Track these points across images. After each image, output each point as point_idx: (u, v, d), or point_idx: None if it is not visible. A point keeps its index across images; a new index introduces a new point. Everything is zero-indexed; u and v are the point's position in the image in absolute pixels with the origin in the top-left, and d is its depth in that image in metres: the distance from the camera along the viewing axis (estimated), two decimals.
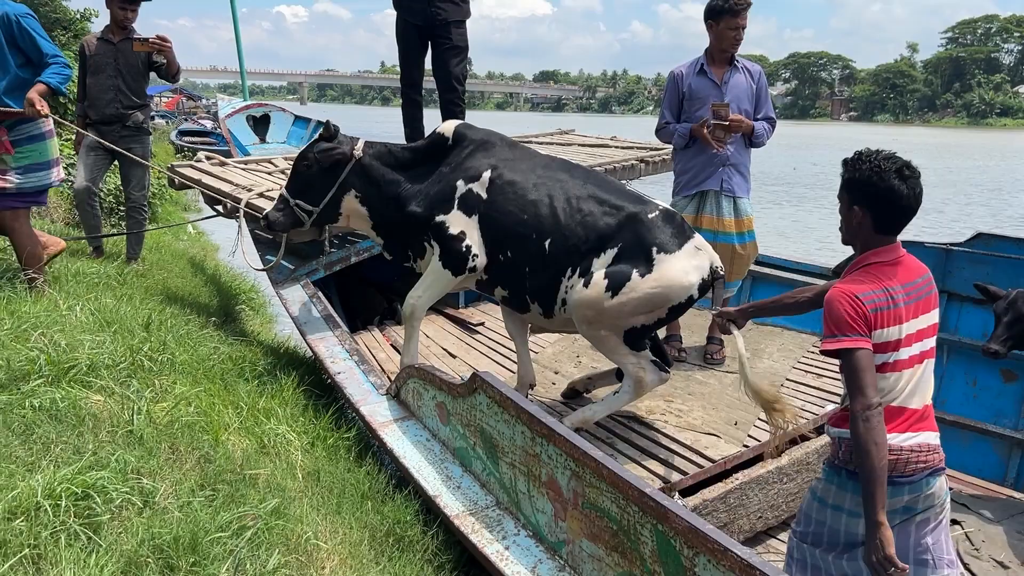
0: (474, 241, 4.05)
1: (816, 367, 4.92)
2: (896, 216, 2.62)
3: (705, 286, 3.78)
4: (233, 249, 5.67)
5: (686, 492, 3.56)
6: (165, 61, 6.20)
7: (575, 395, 4.44)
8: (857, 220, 2.67)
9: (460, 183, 4.09)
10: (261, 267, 5.39)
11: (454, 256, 4.06)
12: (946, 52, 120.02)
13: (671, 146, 5.19)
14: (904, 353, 2.61)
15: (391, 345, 5.58)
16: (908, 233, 2.90)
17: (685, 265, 3.71)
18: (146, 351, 4.14)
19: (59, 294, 4.74)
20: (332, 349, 4.55)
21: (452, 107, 6.31)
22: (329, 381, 4.68)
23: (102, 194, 8.05)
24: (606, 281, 3.68)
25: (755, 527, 3.73)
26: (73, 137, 7.54)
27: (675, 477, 3.58)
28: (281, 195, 4.38)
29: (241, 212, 5.20)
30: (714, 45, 4.87)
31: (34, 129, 4.68)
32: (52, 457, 2.89)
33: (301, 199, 4.30)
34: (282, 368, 4.82)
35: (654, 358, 3.96)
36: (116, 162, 6.51)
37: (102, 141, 6.05)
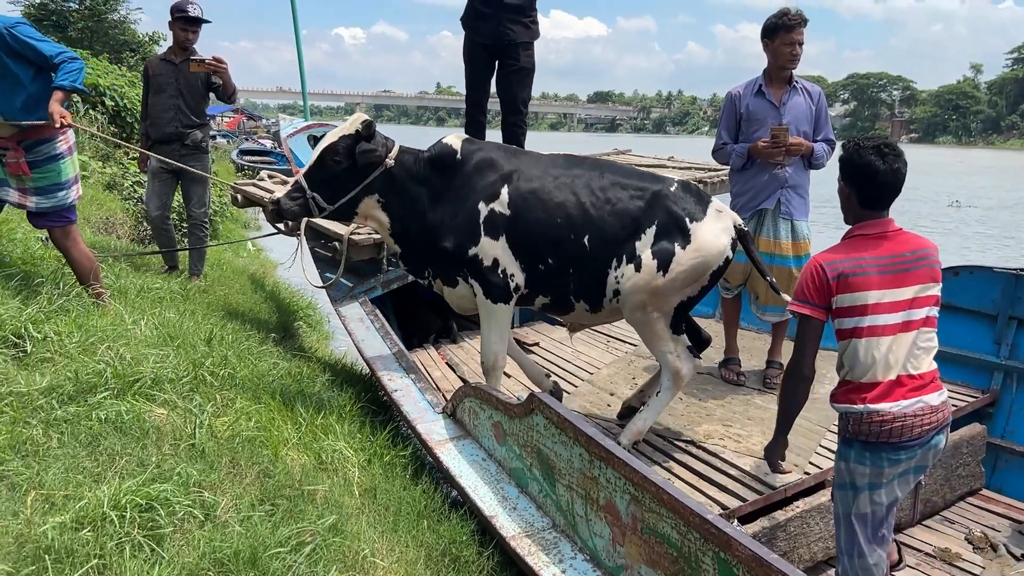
0: (507, 263, 4.00)
1: None
2: (876, 191, 2.87)
3: (734, 244, 3.97)
4: (290, 265, 5.74)
5: (745, 519, 3.49)
6: (221, 82, 6.33)
7: (631, 412, 4.40)
8: (844, 196, 2.97)
9: (481, 205, 3.99)
10: (320, 284, 5.46)
11: (497, 288, 4.03)
12: (1011, 73, 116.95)
13: (728, 167, 5.13)
14: (881, 320, 2.82)
15: (446, 363, 5.60)
16: (977, 257, 2.85)
17: (716, 228, 3.89)
18: (208, 366, 4.21)
19: (125, 308, 4.85)
20: (389, 366, 4.57)
21: (515, 129, 6.29)
22: (385, 398, 4.71)
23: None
24: (655, 261, 3.82)
25: (815, 556, 3.64)
26: (139, 156, 7.72)
27: (735, 504, 3.51)
28: (297, 183, 4.03)
29: (301, 230, 5.28)
30: (771, 64, 4.81)
31: (52, 150, 4.57)
32: (117, 469, 2.95)
33: (320, 192, 4.00)
34: (339, 384, 4.87)
35: (688, 344, 4.16)
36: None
37: (164, 160, 6.19)
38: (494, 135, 6.37)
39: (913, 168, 3.04)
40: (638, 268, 3.85)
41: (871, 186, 2.85)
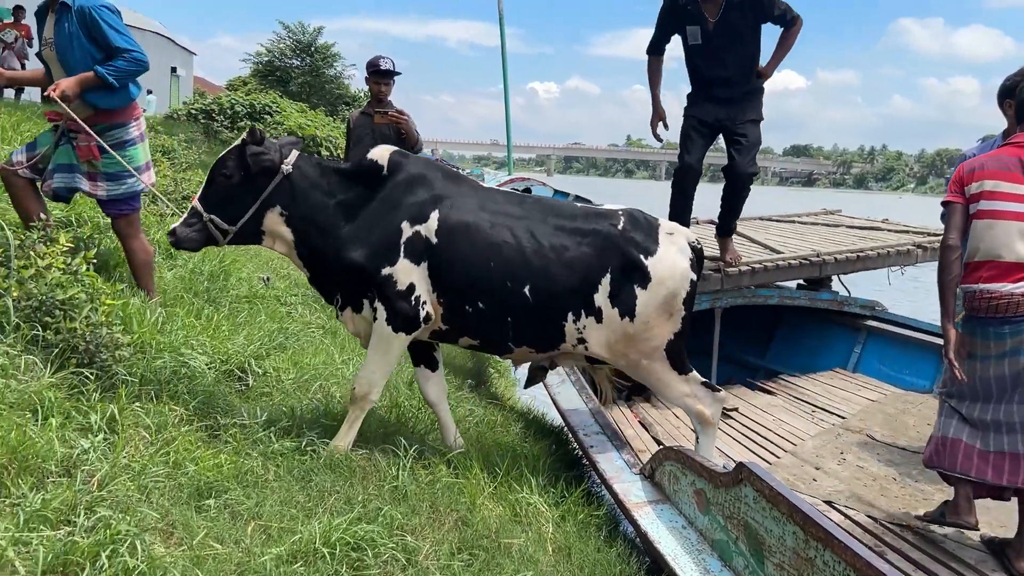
0: (423, 290, 3.66)
1: None
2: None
3: (695, 265, 3.90)
4: None
5: None
6: (404, 133, 6.55)
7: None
8: (1008, 113, 3.80)
9: (405, 225, 3.65)
10: None
11: (403, 315, 3.65)
12: None
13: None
14: (998, 205, 3.39)
15: (639, 422, 5.47)
16: None
17: (672, 254, 3.84)
18: (408, 408, 4.33)
19: (335, 348, 5.10)
20: (584, 421, 4.52)
21: (733, 200, 5.82)
22: (578, 453, 4.65)
23: None
24: (616, 310, 3.69)
25: None
26: None
27: None
28: (193, 208, 3.65)
29: None
30: (1013, 127, 4.41)
31: (124, 135, 4.43)
32: (327, 506, 3.05)
33: (217, 214, 3.61)
34: (532, 435, 4.85)
35: (703, 379, 4.05)
36: None
37: None
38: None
39: None
40: (599, 320, 3.71)
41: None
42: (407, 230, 3.65)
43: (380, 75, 6.47)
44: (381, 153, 3.79)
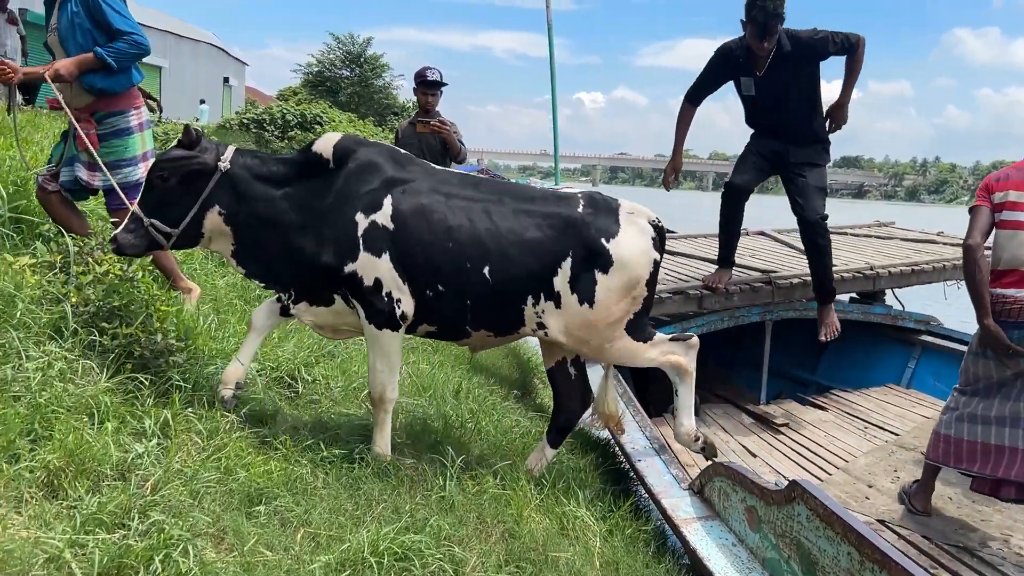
0: (392, 285, 3.52)
1: None
2: None
3: (657, 244, 3.81)
4: None
5: None
6: (448, 143, 6.55)
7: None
8: None
9: (360, 216, 3.50)
10: None
11: (381, 312, 3.53)
12: None
13: None
14: (1020, 216, 3.65)
15: None
16: None
17: (633, 235, 3.74)
18: (455, 418, 4.32)
19: None
20: (632, 435, 4.47)
21: (814, 254, 5.62)
22: (625, 466, 4.60)
23: None
24: (575, 296, 3.62)
25: None
26: None
27: None
28: (133, 214, 3.53)
29: None
30: None
31: (122, 122, 4.34)
32: (375, 514, 3.05)
33: (157, 218, 3.48)
34: (577, 447, 4.81)
35: (669, 335, 3.98)
36: None
37: None
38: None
39: None
40: (559, 305, 3.61)
41: None
42: (363, 221, 3.50)
43: (427, 86, 6.52)
44: (326, 142, 3.63)
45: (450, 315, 3.66)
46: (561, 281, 3.62)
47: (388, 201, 3.51)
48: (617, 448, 4.64)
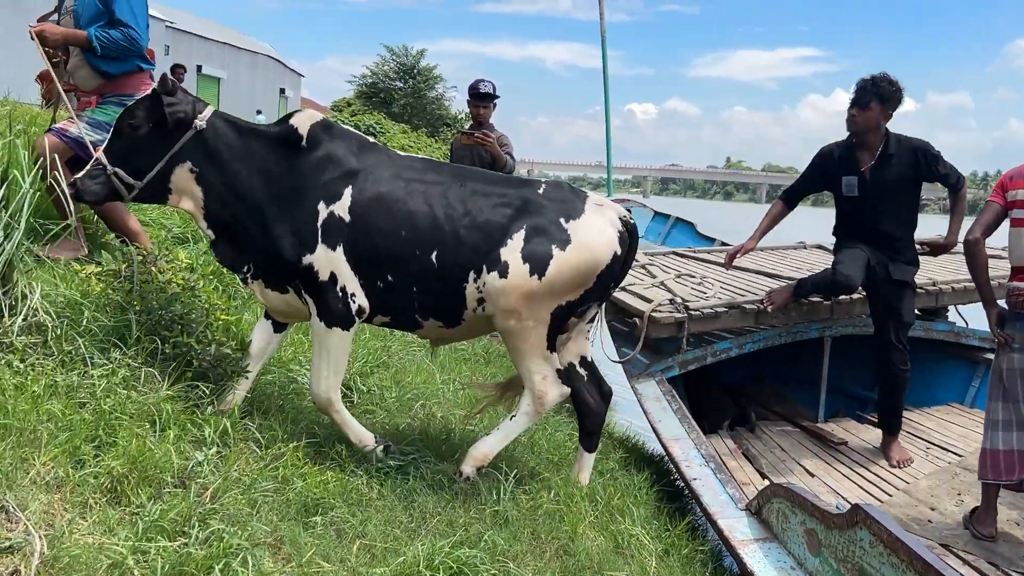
0: (347, 280, 3.42)
1: None
2: None
3: (623, 240, 3.64)
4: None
5: None
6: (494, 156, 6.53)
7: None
8: None
9: (321, 206, 3.41)
10: (617, 359, 5.43)
11: (334, 312, 3.43)
12: None
13: None
14: (1019, 214, 3.75)
15: (743, 454, 5.31)
16: None
17: (598, 222, 3.60)
18: None
19: (436, 367, 5.12)
20: (688, 453, 4.39)
21: (898, 366, 5.13)
22: (681, 484, 4.53)
23: None
24: (527, 265, 3.43)
25: None
26: None
27: None
28: (96, 159, 3.38)
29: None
30: None
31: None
32: (429, 528, 3.04)
33: (122, 167, 3.33)
34: (632, 464, 4.76)
35: (559, 367, 3.74)
36: None
37: None
38: None
39: None
40: (503, 274, 3.41)
41: None
42: (323, 212, 3.42)
43: (479, 98, 6.55)
44: (303, 120, 3.54)
45: (400, 305, 3.56)
46: (510, 251, 3.47)
47: (348, 192, 3.44)
48: (672, 465, 4.57)
